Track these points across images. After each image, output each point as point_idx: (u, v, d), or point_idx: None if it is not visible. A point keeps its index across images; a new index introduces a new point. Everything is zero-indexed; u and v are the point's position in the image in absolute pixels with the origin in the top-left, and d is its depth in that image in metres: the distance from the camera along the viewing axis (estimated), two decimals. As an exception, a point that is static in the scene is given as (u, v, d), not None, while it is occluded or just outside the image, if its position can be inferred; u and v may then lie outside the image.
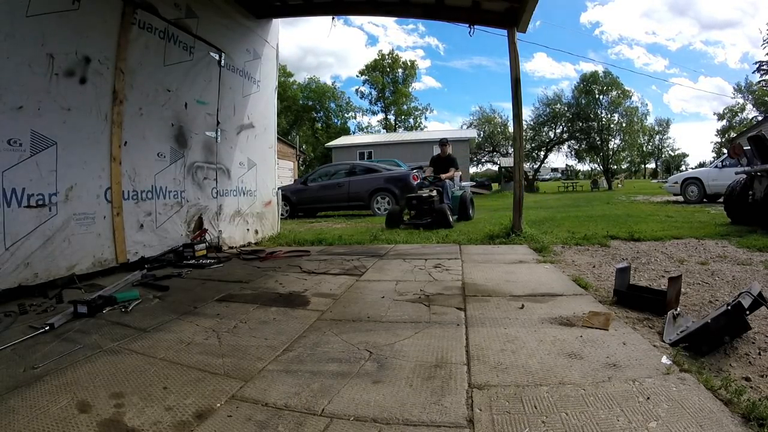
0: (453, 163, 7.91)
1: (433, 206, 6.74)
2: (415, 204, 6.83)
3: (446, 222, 6.43)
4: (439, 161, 8.02)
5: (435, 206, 6.75)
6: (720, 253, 3.95)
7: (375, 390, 1.51)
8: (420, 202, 6.78)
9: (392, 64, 44.17)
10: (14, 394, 1.51)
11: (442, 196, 7.21)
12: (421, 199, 6.79)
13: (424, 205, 6.75)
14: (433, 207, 6.73)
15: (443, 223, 6.42)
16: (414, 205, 6.85)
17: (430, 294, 2.72)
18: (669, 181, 13.77)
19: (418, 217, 6.75)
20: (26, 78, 2.85)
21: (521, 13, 4.77)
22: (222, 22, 4.89)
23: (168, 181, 4.22)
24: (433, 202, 6.79)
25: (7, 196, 2.75)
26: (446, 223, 6.42)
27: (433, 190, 7.01)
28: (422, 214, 6.73)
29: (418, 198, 6.82)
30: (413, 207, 6.88)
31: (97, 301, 2.50)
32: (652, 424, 1.25)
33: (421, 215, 6.74)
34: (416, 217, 6.78)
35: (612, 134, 28.79)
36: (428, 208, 6.72)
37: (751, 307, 1.86)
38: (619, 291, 2.52)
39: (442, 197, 7.18)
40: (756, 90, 36.29)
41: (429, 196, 6.80)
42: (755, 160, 5.84)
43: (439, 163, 8.02)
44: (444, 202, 7.15)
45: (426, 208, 6.73)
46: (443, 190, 7.30)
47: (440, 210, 6.62)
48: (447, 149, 7.94)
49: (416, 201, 6.81)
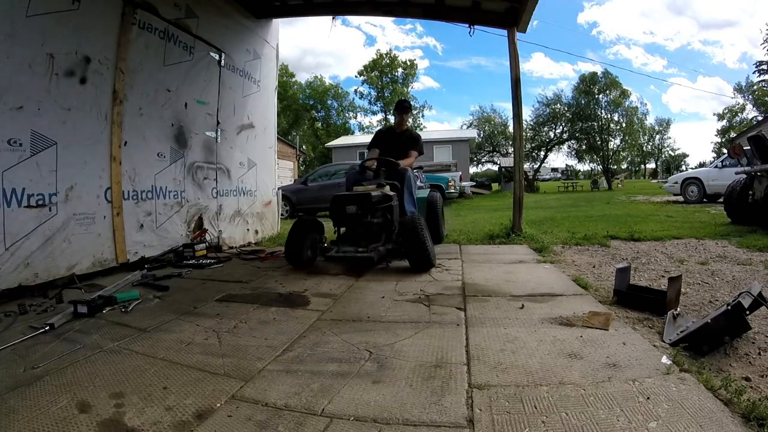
0: (414, 143, 4.45)
1: (390, 218, 3.69)
2: (351, 214, 3.46)
3: (422, 253, 3.32)
4: (393, 138, 4.48)
5: (393, 218, 3.71)
6: (720, 253, 3.96)
7: (375, 390, 1.51)
8: (361, 210, 3.44)
9: (391, 63, 44.15)
10: (14, 394, 1.51)
11: (403, 197, 3.99)
12: (363, 201, 3.44)
13: (367, 216, 3.48)
14: (390, 220, 3.69)
15: (417, 256, 3.34)
16: (347, 216, 3.49)
17: (430, 294, 2.72)
18: (669, 181, 13.78)
19: (354, 242, 3.55)
20: (26, 78, 2.85)
21: (521, 13, 4.77)
22: (222, 22, 4.89)
23: (168, 181, 4.22)
24: (388, 210, 3.71)
25: (7, 196, 2.74)
26: (423, 256, 3.33)
27: (384, 186, 3.81)
28: (364, 237, 3.53)
29: (356, 200, 3.46)
30: (344, 219, 3.57)
31: (97, 301, 2.50)
32: (652, 424, 1.25)
33: (362, 238, 3.52)
34: (351, 241, 3.58)
35: (612, 134, 28.78)
36: (378, 223, 3.57)
37: (751, 307, 1.86)
38: (619, 291, 2.52)
39: (402, 201, 3.99)
40: (756, 90, 36.30)
41: (378, 197, 3.54)
42: (755, 160, 5.85)
43: (392, 140, 4.45)
44: (407, 209, 3.97)
45: (374, 223, 3.53)
46: (403, 188, 4.02)
47: (408, 226, 3.38)
48: (406, 119, 4.65)
49: (353, 206, 3.44)
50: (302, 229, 3.69)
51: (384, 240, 3.57)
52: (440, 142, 24.40)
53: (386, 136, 4.60)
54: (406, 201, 3.99)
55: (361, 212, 3.44)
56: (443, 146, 23.78)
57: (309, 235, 3.70)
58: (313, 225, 3.80)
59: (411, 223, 3.40)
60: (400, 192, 3.99)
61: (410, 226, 3.37)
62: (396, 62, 44.27)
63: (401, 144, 4.41)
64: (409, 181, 4.06)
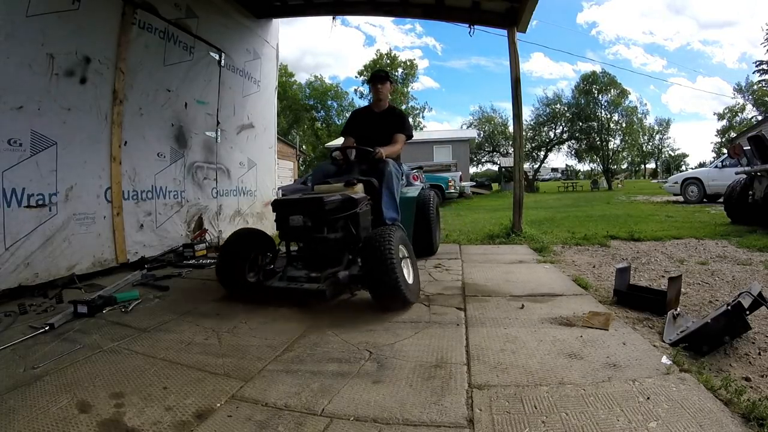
0: (400, 124, 3.52)
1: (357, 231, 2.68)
2: (296, 228, 2.51)
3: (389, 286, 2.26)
4: (372, 120, 3.58)
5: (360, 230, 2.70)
6: (720, 253, 3.96)
7: (375, 390, 1.51)
8: (311, 221, 2.48)
9: (391, 63, 44.15)
10: (14, 394, 1.51)
11: (380, 199, 3.03)
12: (313, 209, 2.47)
13: (321, 229, 2.50)
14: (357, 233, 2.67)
15: (381, 290, 2.32)
16: (291, 229, 2.55)
17: (430, 294, 2.72)
18: (669, 181, 13.77)
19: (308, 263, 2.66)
20: (26, 78, 2.85)
21: (521, 13, 4.77)
22: (222, 22, 4.89)
23: (168, 181, 4.22)
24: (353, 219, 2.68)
25: (7, 196, 2.75)
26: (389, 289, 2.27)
27: (356, 184, 2.88)
28: (319, 258, 2.61)
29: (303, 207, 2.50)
30: (291, 232, 2.60)
31: (97, 301, 2.50)
32: (652, 424, 1.25)
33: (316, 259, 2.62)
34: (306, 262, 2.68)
35: (612, 134, 28.79)
36: (338, 238, 2.57)
37: (751, 307, 1.87)
38: (619, 291, 2.52)
39: (379, 203, 3.02)
40: (756, 90, 36.29)
41: (335, 202, 2.56)
42: (755, 160, 5.85)
43: (370, 123, 3.56)
44: (386, 215, 3.01)
45: (331, 239, 2.53)
46: (384, 186, 3.06)
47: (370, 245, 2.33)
48: (386, 92, 3.59)
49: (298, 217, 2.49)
50: (241, 244, 2.74)
51: (347, 262, 2.54)
52: (440, 142, 24.40)
53: (363, 119, 3.64)
54: (384, 204, 3.00)
55: (311, 224, 2.43)
56: (443, 146, 23.77)
57: (250, 252, 2.73)
58: (258, 238, 2.89)
59: (373, 240, 2.29)
60: (373, 192, 3.00)
61: (371, 245, 2.27)
62: (396, 62, 44.26)
63: (383, 127, 3.47)
64: (390, 178, 3.01)
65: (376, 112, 3.64)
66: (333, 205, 2.54)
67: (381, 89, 3.56)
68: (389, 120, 3.54)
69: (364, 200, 2.85)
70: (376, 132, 3.46)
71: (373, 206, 3.00)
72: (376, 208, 3.02)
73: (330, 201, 2.51)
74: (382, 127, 3.49)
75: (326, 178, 3.13)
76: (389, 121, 3.54)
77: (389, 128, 3.49)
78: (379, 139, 3.36)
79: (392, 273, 2.23)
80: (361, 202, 2.77)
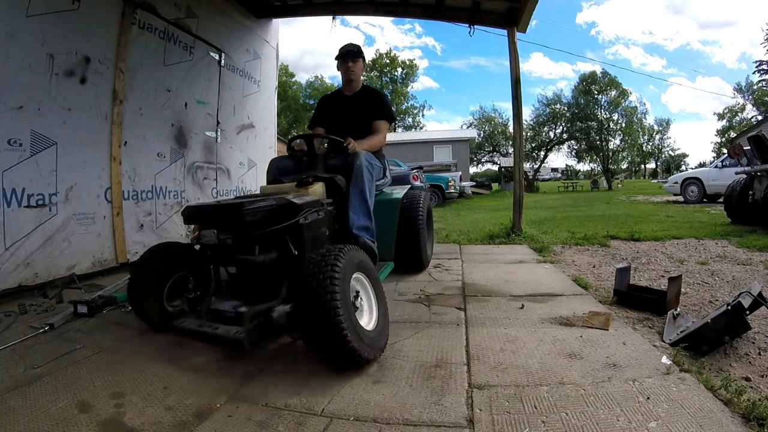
0: (378, 107, 2.88)
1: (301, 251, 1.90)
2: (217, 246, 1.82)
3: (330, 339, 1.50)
4: (344, 105, 2.94)
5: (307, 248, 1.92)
6: (720, 253, 3.96)
7: (375, 390, 1.51)
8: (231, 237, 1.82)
9: (390, 63, 44.16)
10: (14, 394, 1.52)
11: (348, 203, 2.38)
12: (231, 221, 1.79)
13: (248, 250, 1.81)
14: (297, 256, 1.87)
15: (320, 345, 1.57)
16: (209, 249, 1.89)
17: (430, 294, 2.72)
18: (669, 181, 13.78)
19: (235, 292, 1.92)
20: (26, 78, 2.85)
21: (521, 12, 4.77)
22: (222, 22, 4.89)
23: (168, 181, 4.22)
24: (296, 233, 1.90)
25: (7, 196, 2.75)
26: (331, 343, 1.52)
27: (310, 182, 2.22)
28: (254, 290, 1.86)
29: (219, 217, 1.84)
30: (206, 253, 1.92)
31: (97, 301, 2.49)
32: (652, 424, 1.25)
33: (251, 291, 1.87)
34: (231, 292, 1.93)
35: (612, 134, 28.81)
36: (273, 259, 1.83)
37: (751, 307, 1.87)
38: (619, 291, 2.52)
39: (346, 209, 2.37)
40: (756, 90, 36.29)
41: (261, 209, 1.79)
42: (755, 160, 5.86)
43: (343, 109, 2.92)
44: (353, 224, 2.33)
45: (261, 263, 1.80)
46: (352, 186, 2.39)
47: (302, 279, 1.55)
48: (359, 71, 2.94)
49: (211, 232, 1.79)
50: (157, 262, 2.03)
51: (286, 293, 1.75)
52: (440, 142, 24.39)
53: (333, 106, 2.95)
54: (353, 209, 2.32)
55: (231, 241, 1.79)
56: (443, 146, 23.77)
57: (172, 272, 2.03)
58: (184, 253, 2.10)
59: (307, 269, 1.57)
60: (338, 192, 2.37)
61: (302, 277, 1.56)
62: (396, 62, 44.26)
63: (358, 113, 2.79)
64: (360, 174, 2.33)
65: (347, 95, 2.95)
66: (258, 215, 1.76)
67: (352, 68, 2.86)
68: (365, 104, 2.85)
69: (313, 206, 2.00)
70: (350, 120, 2.79)
71: (341, 212, 2.36)
72: (344, 214, 2.35)
73: (253, 209, 1.74)
74: (357, 114, 2.82)
75: (282, 175, 2.49)
76: (365, 105, 2.85)
77: (366, 114, 2.82)
78: (356, 129, 2.68)
79: (331, 320, 1.44)
80: (307, 208, 1.94)
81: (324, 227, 2.16)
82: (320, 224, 2.11)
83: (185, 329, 1.73)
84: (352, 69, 2.88)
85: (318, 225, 2.09)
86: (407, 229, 3.12)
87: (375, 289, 1.86)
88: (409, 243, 3.14)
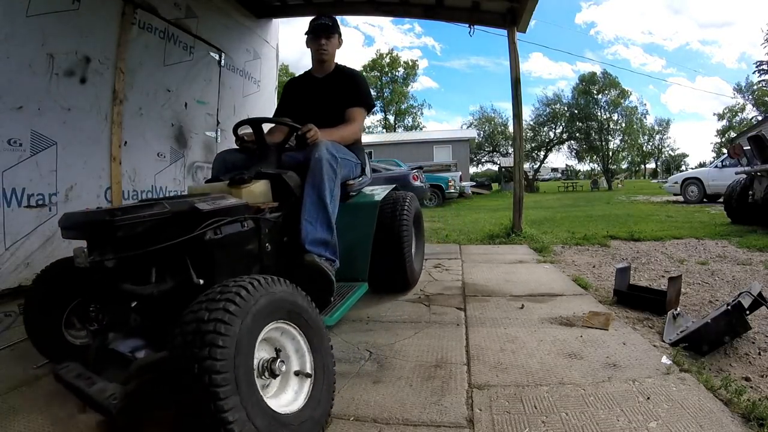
0: (355, 92, 2.37)
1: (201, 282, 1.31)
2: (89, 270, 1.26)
3: None
4: (314, 89, 2.44)
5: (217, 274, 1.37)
6: (720, 253, 3.96)
7: (375, 390, 1.51)
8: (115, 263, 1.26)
9: (392, 63, 44.18)
10: (14, 394, 1.52)
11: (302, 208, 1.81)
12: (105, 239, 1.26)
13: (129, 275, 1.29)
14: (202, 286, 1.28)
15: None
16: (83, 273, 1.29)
17: (430, 294, 2.72)
18: (669, 181, 13.79)
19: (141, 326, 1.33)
20: (26, 78, 2.85)
21: (521, 12, 4.77)
22: (222, 22, 4.89)
23: (168, 181, 4.22)
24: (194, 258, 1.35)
25: (7, 196, 2.75)
26: None
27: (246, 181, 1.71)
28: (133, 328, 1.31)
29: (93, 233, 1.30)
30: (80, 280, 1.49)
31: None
32: (652, 424, 1.25)
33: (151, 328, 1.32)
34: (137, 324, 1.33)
35: (612, 134, 28.83)
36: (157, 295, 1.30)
37: (751, 307, 1.87)
38: (619, 291, 2.52)
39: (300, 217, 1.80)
40: (756, 90, 36.28)
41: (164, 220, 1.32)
42: (755, 160, 5.86)
43: (312, 94, 2.43)
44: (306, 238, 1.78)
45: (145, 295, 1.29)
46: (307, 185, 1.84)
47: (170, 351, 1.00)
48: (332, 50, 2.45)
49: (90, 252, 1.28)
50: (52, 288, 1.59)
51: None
52: (440, 142, 24.42)
53: (302, 90, 2.50)
54: (307, 216, 1.81)
55: (113, 265, 1.28)
56: (443, 146, 23.79)
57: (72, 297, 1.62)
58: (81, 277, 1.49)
59: (180, 327, 1.01)
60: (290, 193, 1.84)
61: (174, 339, 1.01)
62: (397, 62, 44.27)
63: (330, 98, 2.35)
64: (320, 170, 1.83)
65: (318, 78, 2.47)
66: (139, 228, 1.27)
67: (325, 45, 2.37)
68: (338, 88, 2.38)
69: (231, 213, 1.48)
70: (321, 107, 2.34)
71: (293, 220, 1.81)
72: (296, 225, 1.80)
73: (129, 220, 1.25)
74: (329, 100, 2.35)
75: (229, 172, 1.91)
76: (338, 89, 2.37)
77: (339, 100, 2.33)
78: (327, 117, 2.24)
79: (207, 409, 0.92)
80: (217, 217, 1.41)
81: (251, 243, 1.58)
82: (244, 240, 1.53)
83: (62, 379, 1.18)
84: (324, 47, 2.38)
85: (240, 241, 1.50)
86: (388, 239, 2.51)
87: (311, 341, 1.25)
88: (390, 257, 2.54)
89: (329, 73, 2.48)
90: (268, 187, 1.81)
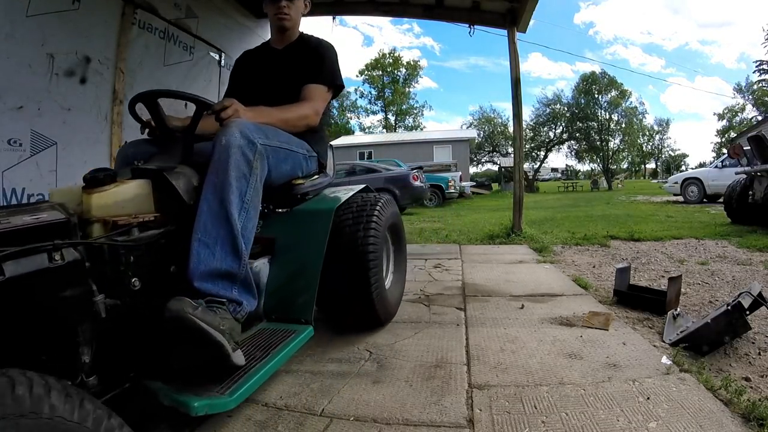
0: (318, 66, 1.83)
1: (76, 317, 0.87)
2: None
3: None
4: (271, 61, 1.97)
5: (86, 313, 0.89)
6: (720, 253, 3.96)
7: (375, 390, 1.51)
8: None
9: (393, 63, 44.17)
10: None
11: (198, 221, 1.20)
12: None
13: None
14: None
15: None
16: None
17: (430, 294, 2.72)
18: (669, 181, 13.79)
19: None
20: (26, 78, 2.85)
21: (521, 13, 4.77)
22: (222, 22, 4.89)
23: (168, 181, 4.22)
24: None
25: (7, 196, 2.75)
26: None
27: (114, 181, 1.13)
28: None
29: None
30: None
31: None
32: (652, 424, 1.25)
33: None
34: None
35: (611, 134, 28.84)
36: None
37: (751, 307, 1.87)
38: (619, 291, 2.52)
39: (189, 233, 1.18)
40: (756, 90, 36.28)
41: None
42: (755, 160, 5.86)
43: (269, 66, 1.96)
44: (194, 270, 1.16)
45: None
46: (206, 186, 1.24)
47: None
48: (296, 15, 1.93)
49: None
50: None
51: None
52: (440, 142, 24.41)
53: (256, 63, 2.09)
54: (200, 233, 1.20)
55: None
56: (443, 146, 23.79)
57: None
58: None
59: None
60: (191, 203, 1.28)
61: None
62: (399, 62, 44.26)
63: (289, 73, 1.89)
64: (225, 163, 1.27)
65: (276, 49, 2.03)
66: None
67: (285, 8, 1.88)
68: (300, 60, 1.90)
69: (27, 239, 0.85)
70: (277, 83, 1.90)
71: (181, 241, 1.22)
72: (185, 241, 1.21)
73: None
74: (287, 75, 1.88)
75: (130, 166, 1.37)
76: (300, 62, 1.89)
77: (299, 75, 1.84)
78: (283, 96, 1.80)
79: None
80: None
81: (73, 288, 0.92)
82: (50, 283, 0.88)
83: None
84: (285, 11, 1.88)
85: (44, 285, 0.87)
86: (348, 259, 1.79)
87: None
88: (352, 284, 1.81)
89: (290, 44, 1.98)
90: (148, 190, 1.22)
